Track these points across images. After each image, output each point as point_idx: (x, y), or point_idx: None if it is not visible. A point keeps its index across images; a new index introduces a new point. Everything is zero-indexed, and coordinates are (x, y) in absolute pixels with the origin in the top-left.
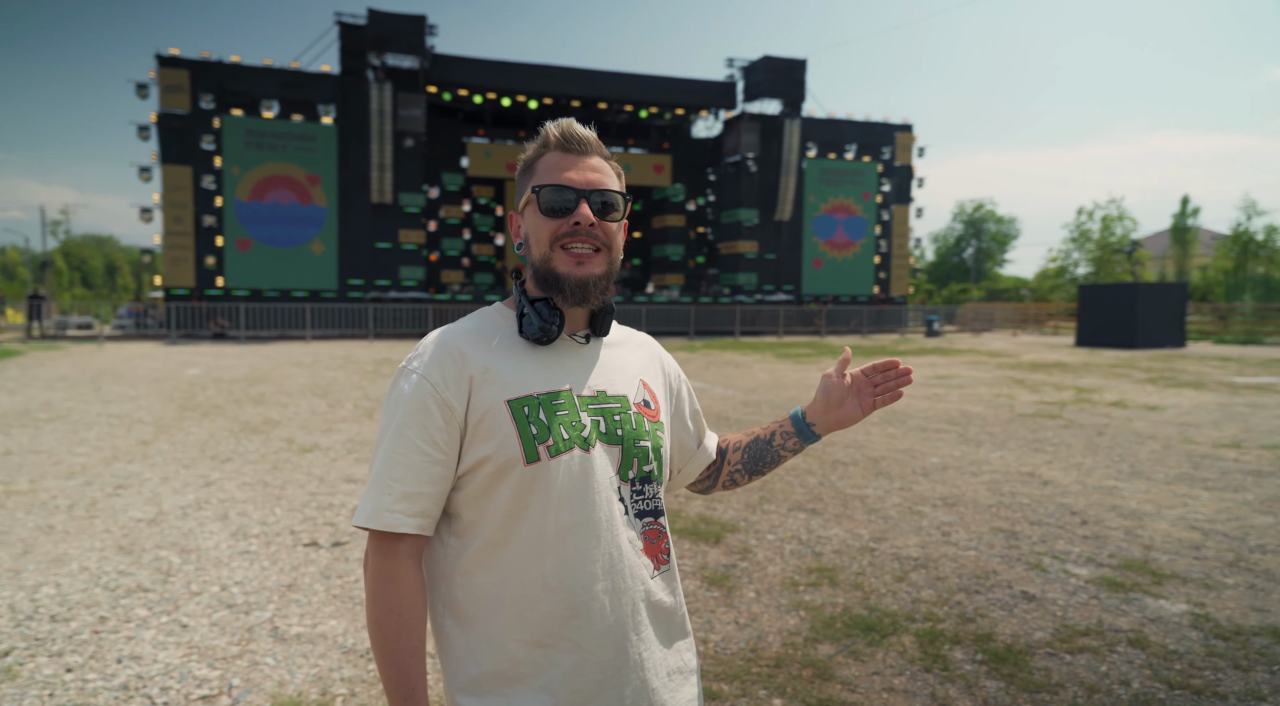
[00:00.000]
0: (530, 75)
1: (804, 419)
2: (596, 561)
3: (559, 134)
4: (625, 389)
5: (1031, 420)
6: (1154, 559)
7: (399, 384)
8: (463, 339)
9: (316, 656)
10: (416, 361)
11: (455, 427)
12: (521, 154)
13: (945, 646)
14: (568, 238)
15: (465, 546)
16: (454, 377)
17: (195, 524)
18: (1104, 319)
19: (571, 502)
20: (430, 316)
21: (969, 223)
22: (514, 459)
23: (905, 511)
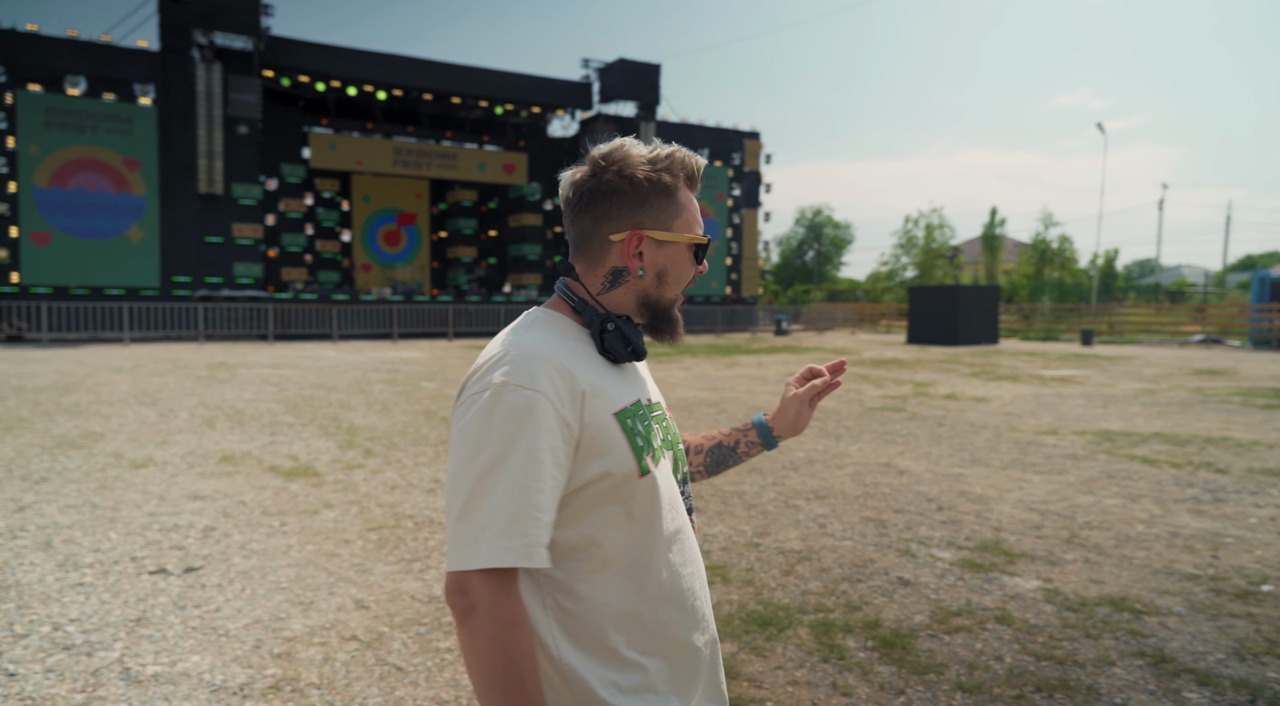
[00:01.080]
0: (379, 64)
1: (769, 428)
2: (692, 562)
3: (698, 172)
4: (658, 395)
5: (880, 413)
6: (1004, 539)
7: (506, 401)
8: (559, 352)
9: (180, 698)
10: (523, 376)
11: (572, 446)
12: (652, 165)
13: (839, 635)
14: (688, 286)
15: (570, 571)
16: (568, 393)
17: (10, 554)
18: (931, 318)
19: (673, 509)
20: (270, 317)
21: (810, 227)
22: (630, 472)
23: (782, 506)
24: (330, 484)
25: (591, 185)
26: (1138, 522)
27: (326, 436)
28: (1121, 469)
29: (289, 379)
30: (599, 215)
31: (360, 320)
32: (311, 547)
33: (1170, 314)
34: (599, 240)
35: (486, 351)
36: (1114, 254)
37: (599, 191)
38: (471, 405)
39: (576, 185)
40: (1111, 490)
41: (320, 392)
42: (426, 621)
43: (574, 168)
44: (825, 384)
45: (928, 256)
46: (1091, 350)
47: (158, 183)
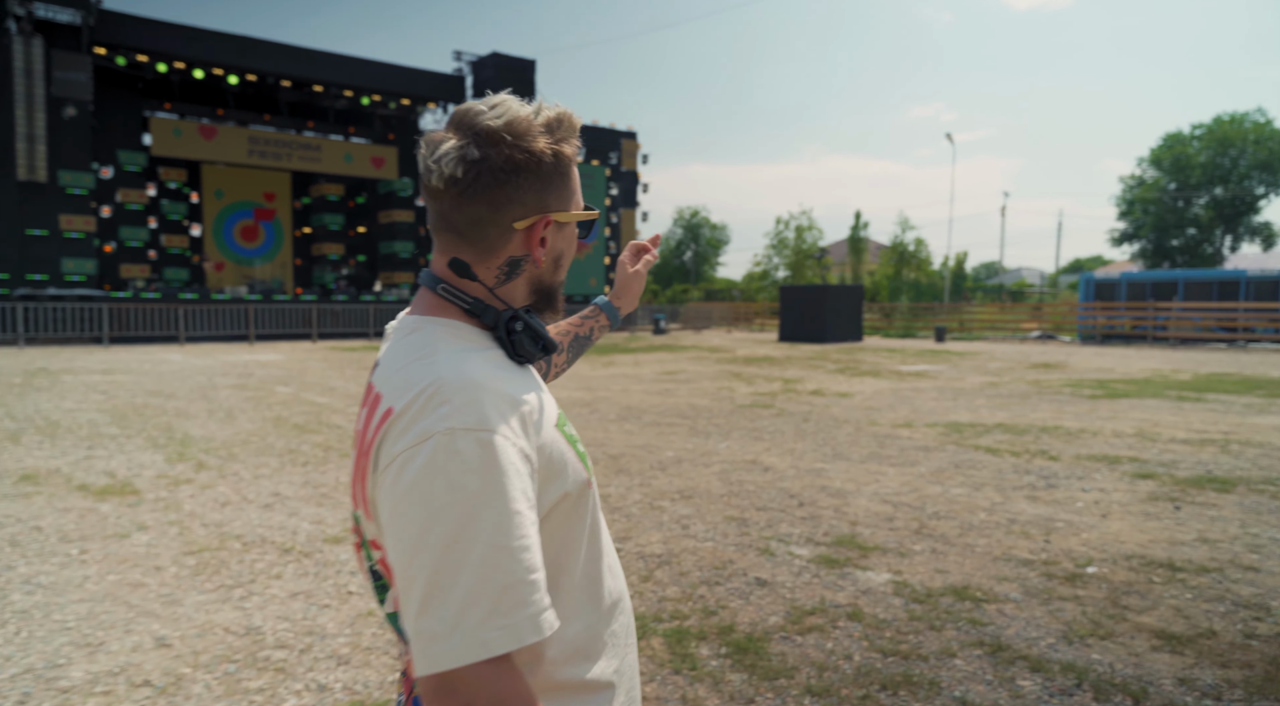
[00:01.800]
0: (229, 46)
1: (615, 307)
2: (617, 564)
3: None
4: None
5: (749, 410)
6: (859, 533)
7: (459, 451)
8: (494, 376)
9: None
10: (466, 414)
11: (536, 481)
12: (540, 134)
13: (692, 644)
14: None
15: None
16: (519, 421)
17: None
18: (800, 317)
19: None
20: (105, 318)
21: (687, 228)
22: (583, 482)
23: (646, 508)
24: (149, 502)
25: (490, 162)
26: (980, 511)
27: (155, 449)
28: (967, 459)
29: (120, 385)
30: (499, 199)
31: (212, 321)
32: (113, 578)
33: (1012, 312)
34: (498, 228)
35: (397, 387)
36: (963, 256)
37: (500, 170)
38: (409, 463)
39: (466, 161)
40: (958, 480)
41: (156, 400)
42: (239, 657)
43: (445, 135)
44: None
45: (798, 257)
46: (944, 346)
47: None
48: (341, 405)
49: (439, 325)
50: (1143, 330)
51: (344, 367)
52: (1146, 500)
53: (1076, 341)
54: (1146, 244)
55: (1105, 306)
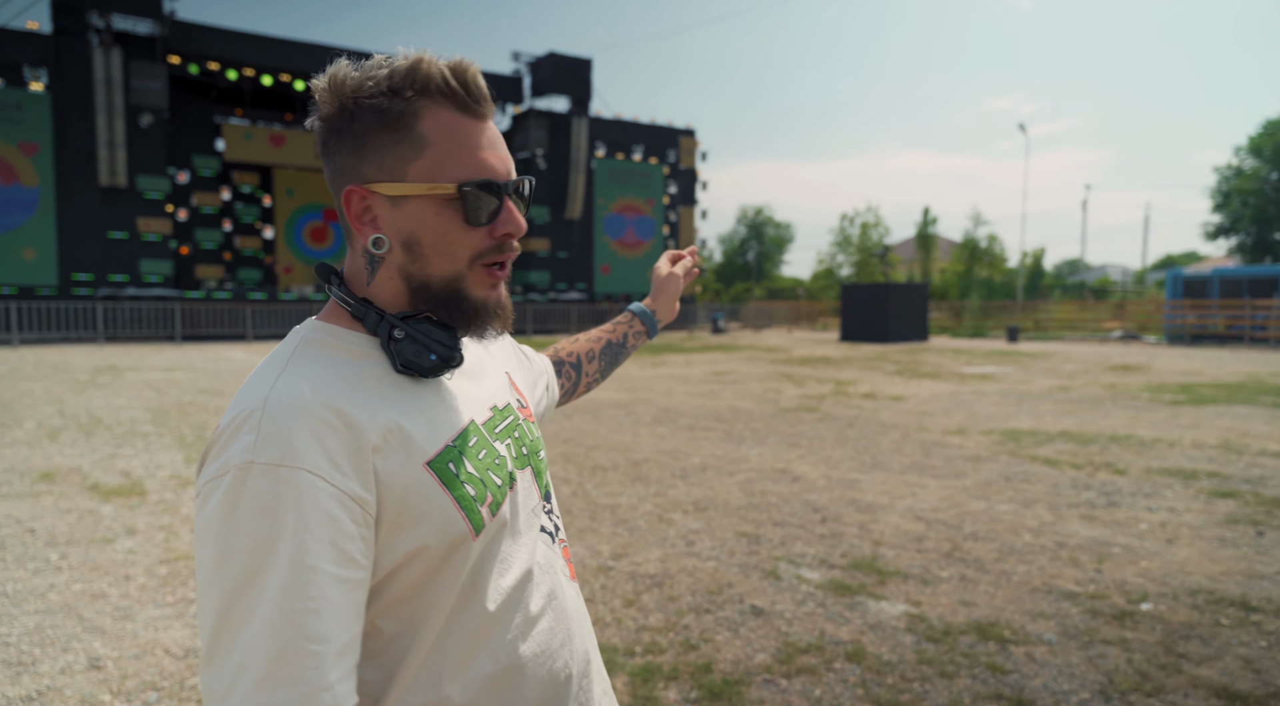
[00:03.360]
0: (296, 52)
1: (652, 313)
2: (549, 614)
3: (457, 81)
4: (505, 394)
5: (793, 414)
6: (881, 555)
7: (252, 489)
8: (333, 394)
9: None
10: (270, 448)
11: (369, 528)
12: (364, 82)
13: (660, 685)
14: (491, 254)
15: (392, 670)
16: (350, 457)
17: None
18: (862, 316)
19: (515, 555)
20: (178, 316)
21: (751, 226)
22: (461, 536)
23: (655, 520)
24: (151, 505)
25: (320, 128)
26: (1026, 531)
27: (180, 448)
28: (1021, 471)
29: (176, 383)
30: (331, 171)
31: (278, 320)
32: (79, 587)
33: (1092, 311)
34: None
35: (232, 404)
36: (1040, 253)
37: (324, 134)
38: (209, 498)
39: (313, 131)
40: (1006, 495)
41: (203, 398)
42: (166, 685)
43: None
44: (694, 264)
45: (863, 255)
46: (1016, 347)
47: (53, 174)
48: None
49: (314, 332)
50: (1239, 330)
51: None
52: (1223, 523)
53: (1163, 342)
54: (1245, 238)
55: (1195, 304)
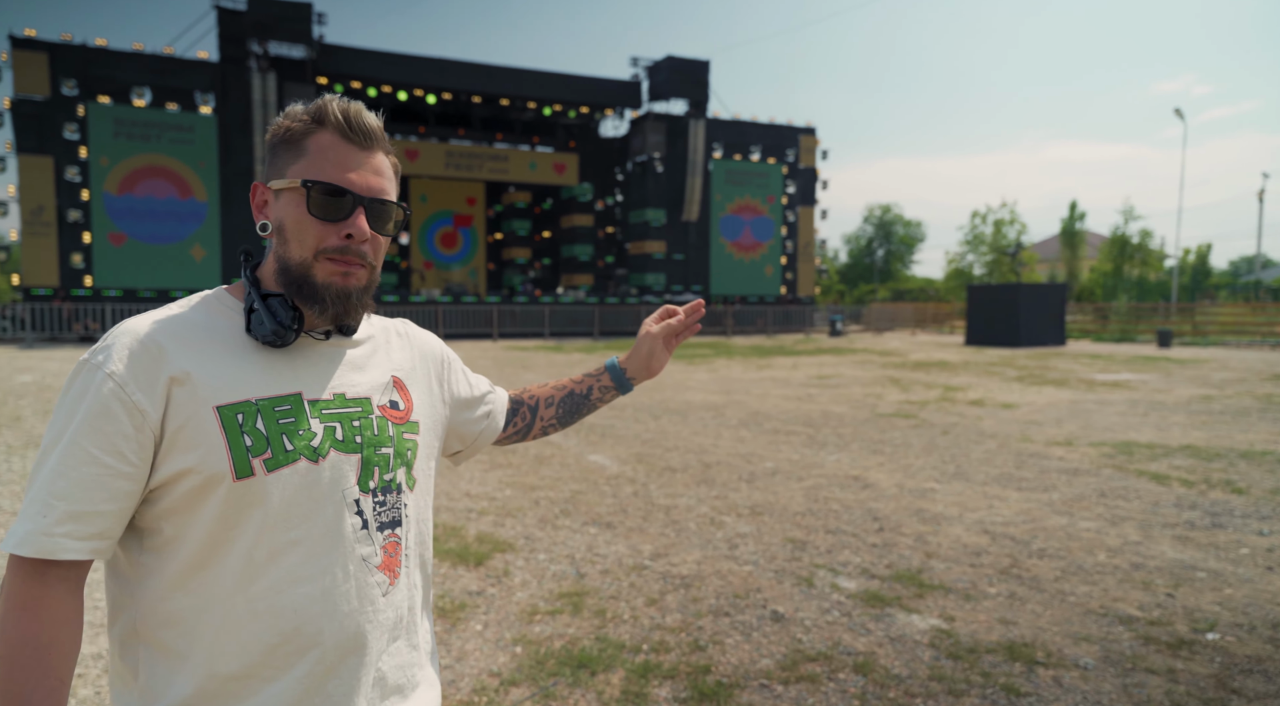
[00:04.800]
0: (428, 69)
1: (624, 373)
2: (314, 582)
3: (340, 117)
4: (368, 390)
5: (886, 420)
6: (929, 568)
7: (76, 380)
8: (165, 332)
9: None
10: (101, 354)
11: (148, 435)
12: (283, 117)
13: (654, 683)
14: (334, 251)
15: (162, 565)
16: (147, 377)
17: None
18: (991, 318)
19: (291, 520)
20: None
21: (878, 225)
22: (221, 473)
23: (706, 523)
24: None
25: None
26: (1102, 550)
27: None
28: (1122, 486)
29: None
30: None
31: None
32: None
33: (1265, 313)
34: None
35: None
36: (1206, 249)
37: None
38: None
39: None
40: (1095, 511)
41: None
42: None
43: None
44: (681, 324)
45: (996, 254)
46: (1166, 352)
47: (218, 189)
48: None
49: (213, 293)
50: None
51: (505, 366)
52: None
53: None
54: None
55: None
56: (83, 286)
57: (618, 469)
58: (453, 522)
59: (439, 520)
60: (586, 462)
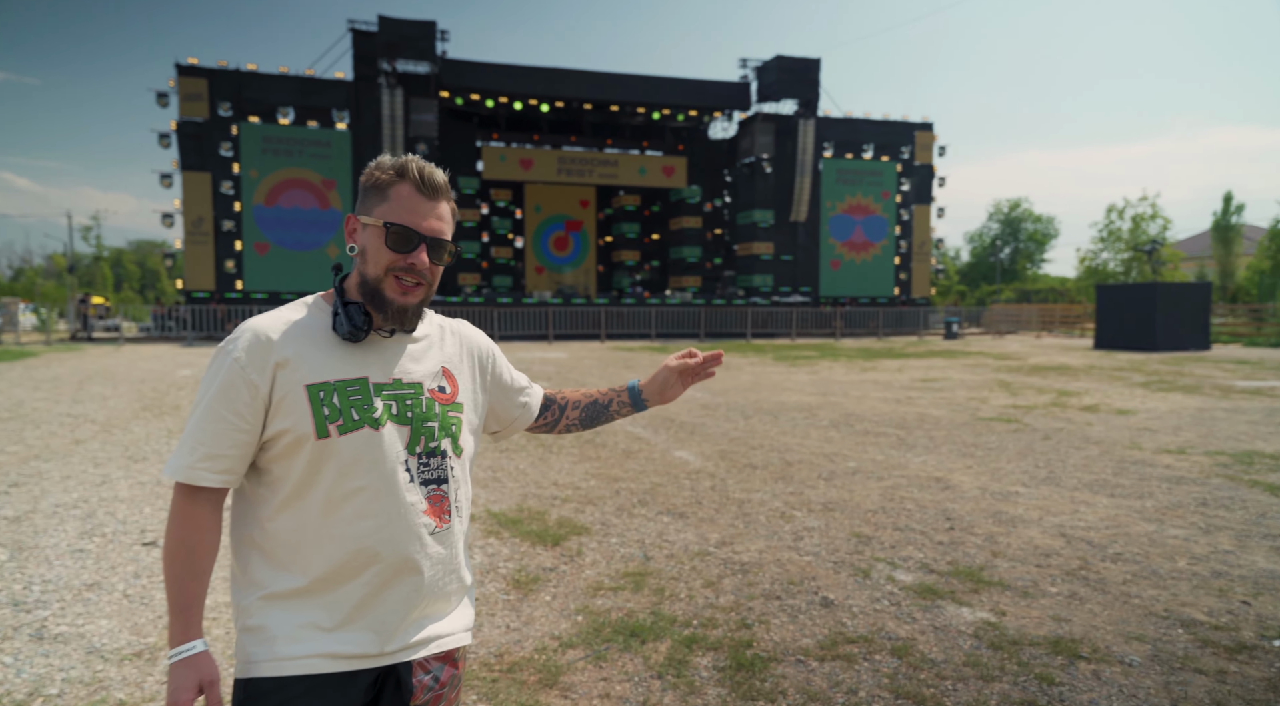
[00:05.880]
0: (542, 79)
1: (640, 394)
2: (374, 518)
3: (418, 174)
4: (421, 377)
5: (985, 424)
6: (991, 566)
7: (214, 362)
8: (274, 328)
9: (57, 656)
10: (230, 344)
11: (260, 403)
12: (375, 168)
13: (697, 653)
14: (402, 271)
15: (271, 496)
16: (261, 361)
17: (55, 522)
18: (1123, 320)
19: (358, 470)
20: None
21: (1005, 222)
22: (307, 434)
23: (775, 516)
24: None
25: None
26: (1183, 557)
27: None
28: (1228, 496)
29: None
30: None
31: (521, 322)
32: None
33: None
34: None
35: None
36: None
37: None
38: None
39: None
40: (1189, 520)
41: None
42: None
43: None
44: (697, 366)
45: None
46: None
47: (351, 199)
48: None
49: (312, 298)
50: None
51: (608, 366)
52: None
53: None
54: None
55: None
56: (234, 290)
57: (700, 464)
58: (538, 508)
59: (525, 505)
60: (671, 458)
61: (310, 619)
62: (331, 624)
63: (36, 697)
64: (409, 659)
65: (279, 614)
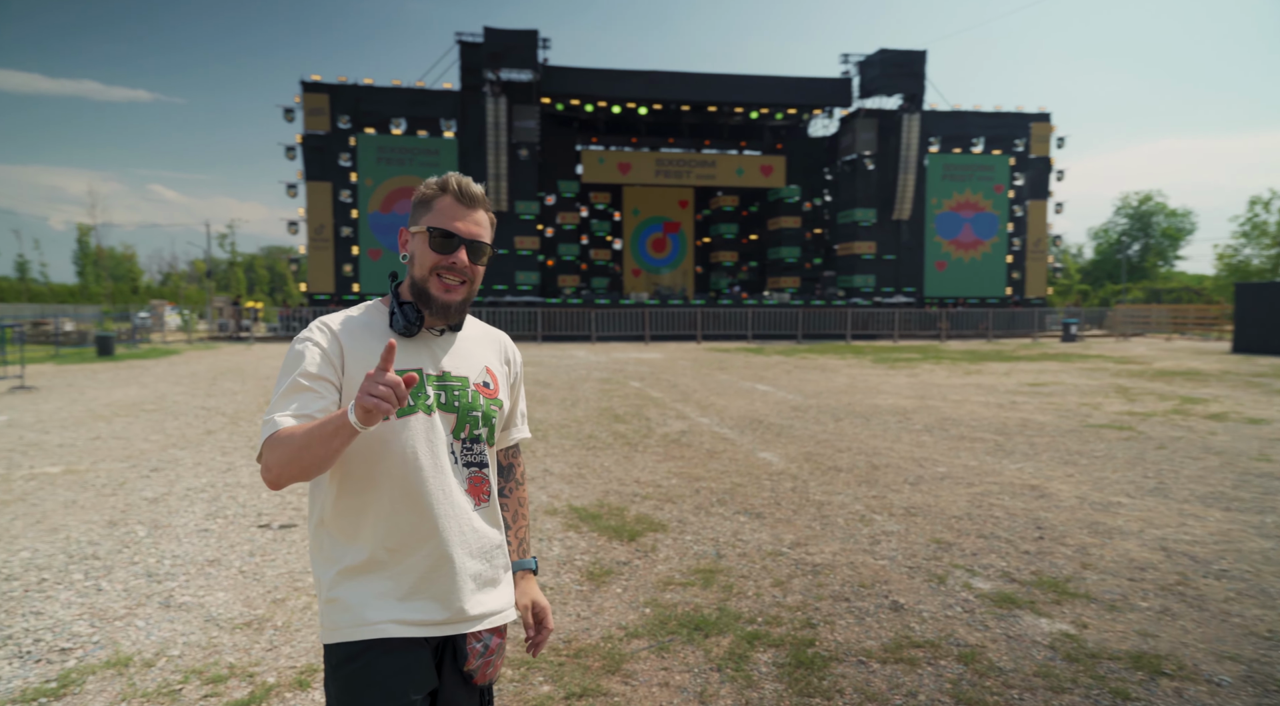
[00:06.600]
0: (639, 82)
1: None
2: (431, 493)
3: (457, 187)
4: (468, 372)
5: (1094, 431)
6: (1079, 577)
7: (294, 347)
8: (342, 324)
9: (180, 623)
10: (307, 332)
11: (335, 373)
12: (423, 186)
13: (758, 649)
14: (445, 270)
15: (336, 477)
16: (335, 348)
17: (186, 504)
18: (1266, 322)
19: (414, 451)
20: (539, 320)
21: (1134, 216)
22: None
23: (855, 519)
24: None
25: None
26: None
27: None
28: None
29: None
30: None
31: (617, 323)
32: None
33: None
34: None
35: None
36: None
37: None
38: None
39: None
40: None
41: (535, 388)
42: None
43: None
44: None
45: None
46: None
47: None
48: (670, 400)
49: (372, 302)
50: None
51: (702, 367)
52: None
53: None
54: None
55: None
56: (351, 292)
57: (783, 465)
58: (618, 504)
59: (606, 501)
60: (755, 459)
61: (382, 589)
62: (400, 593)
63: (161, 657)
64: (466, 631)
65: (354, 586)
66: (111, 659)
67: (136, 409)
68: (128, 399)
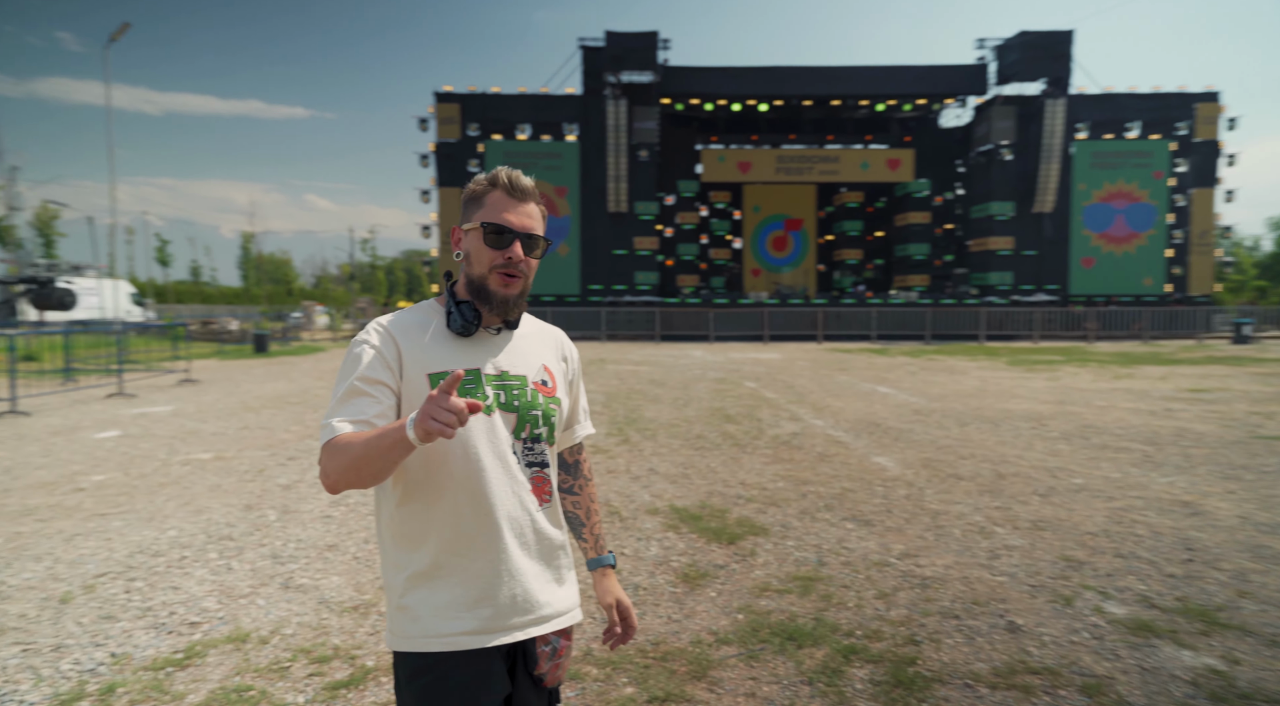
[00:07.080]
0: (759, 79)
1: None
2: (495, 495)
3: (507, 181)
4: (526, 370)
5: (1265, 443)
6: (1234, 607)
7: (353, 349)
8: (399, 326)
9: (296, 603)
10: (364, 335)
11: (393, 384)
12: (472, 183)
13: (854, 664)
14: (501, 266)
15: (399, 482)
16: (391, 349)
17: (314, 491)
18: None
19: (476, 452)
20: (657, 319)
21: None
22: None
23: (974, 531)
24: None
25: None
26: None
27: (610, 425)
28: None
29: (636, 374)
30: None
31: (735, 322)
32: None
33: None
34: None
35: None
36: None
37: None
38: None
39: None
40: None
41: (648, 387)
42: None
43: None
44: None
45: None
46: None
47: (578, 205)
48: (785, 402)
49: (428, 302)
50: None
51: (821, 368)
52: None
53: None
54: None
55: None
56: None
57: (898, 471)
58: (720, 505)
59: (709, 502)
60: (868, 463)
61: (449, 597)
62: (468, 601)
63: (275, 635)
64: (535, 635)
65: (423, 594)
66: (232, 634)
67: (282, 401)
68: (275, 392)
